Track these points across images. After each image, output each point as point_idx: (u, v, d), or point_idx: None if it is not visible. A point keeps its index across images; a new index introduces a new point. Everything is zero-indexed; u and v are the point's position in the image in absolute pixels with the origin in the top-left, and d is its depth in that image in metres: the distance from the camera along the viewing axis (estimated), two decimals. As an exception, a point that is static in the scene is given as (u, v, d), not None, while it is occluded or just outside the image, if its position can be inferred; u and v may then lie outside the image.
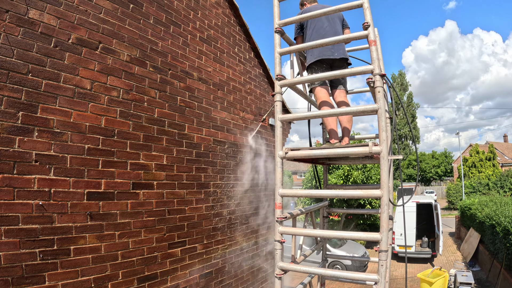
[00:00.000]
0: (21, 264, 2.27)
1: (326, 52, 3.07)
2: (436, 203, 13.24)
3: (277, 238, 2.57)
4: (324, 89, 3.14)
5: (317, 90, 3.13)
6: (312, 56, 3.13)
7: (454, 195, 28.17)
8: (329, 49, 3.07)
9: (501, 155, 36.25)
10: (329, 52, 3.07)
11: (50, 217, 2.46)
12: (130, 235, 3.05)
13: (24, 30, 2.38)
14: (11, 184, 2.26)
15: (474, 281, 8.39)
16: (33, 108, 2.41)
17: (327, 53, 3.07)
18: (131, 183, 3.10)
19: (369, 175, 15.71)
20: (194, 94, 3.93)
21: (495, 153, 31.87)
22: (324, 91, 3.12)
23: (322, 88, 3.13)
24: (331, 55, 3.07)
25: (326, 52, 3.07)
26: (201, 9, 4.17)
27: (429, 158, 48.19)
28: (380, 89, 2.30)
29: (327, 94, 3.14)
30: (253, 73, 5.21)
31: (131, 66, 3.19)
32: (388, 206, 2.23)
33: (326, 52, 3.07)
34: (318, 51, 3.08)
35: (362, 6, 2.40)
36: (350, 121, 3.22)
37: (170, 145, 3.54)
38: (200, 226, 3.89)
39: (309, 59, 3.17)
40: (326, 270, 2.69)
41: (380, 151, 2.23)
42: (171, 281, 3.45)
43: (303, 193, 2.75)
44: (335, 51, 3.09)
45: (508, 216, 8.44)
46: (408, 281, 10.32)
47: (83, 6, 2.79)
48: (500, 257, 8.61)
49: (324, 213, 3.85)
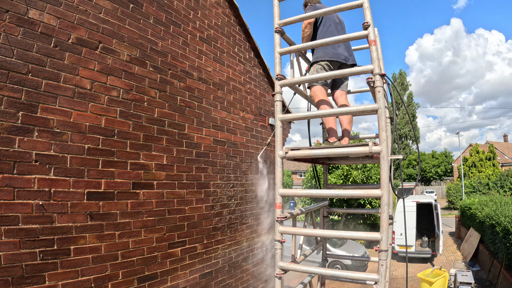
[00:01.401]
0: (21, 264, 2.27)
1: (340, 56, 3.09)
2: (436, 203, 13.25)
3: (277, 238, 2.57)
4: (323, 88, 3.13)
5: (316, 88, 3.12)
6: (326, 54, 3.11)
7: (454, 195, 28.16)
8: (344, 55, 3.10)
9: (501, 155, 36.25)
10: (343, 57, 3.10)
11: (50, 217, 2.46)
12: (130, 235, 3.05)
13: (24, 30, 2.37)
14: (11, 184, 2.26)
15: (474, 281, 8.39)
16: (33, 108, 2.41)
17: (341, 57, 3.09)
18: (131, 183, 3.10)
19: (369, 175, 15.70)
20: (194, 94, 3.93)
21: (495, 152, 31.88)
22: (323, 90, 3.12)
23: (322, 87, 3.12)
24: (344, 60, 3.10)
25: (341, 57, 3.09)
26: (201, 9, 4.17)
27: (429, 158, 48.19)
28: (380, 89, 2.30)
29: (325, 93, 3.13)
30: (253, 73, 5.21)
31: (131, 66, 3.19)
32: (388, 206, 2.23)
33: (341, 57, 3.09)
34: (333, 54, 3.09)
35: (362, 6, 2.40)
36: (350, 122, 3.23)
37: (170, 145, 3.54)
38: (200, 226, 3.89)
39: (321, 55, 3.14)
40: (326, 269, 2.70)
41: (380, 151, 2.23)
42: (171, 281, 3.45)
43: (303, 192, 2.75)
44: (348, 57, 3.14)
45: (508, 216, 8.44)
46: (408, 281, 10.32)
47: (83, 6, 2.79)
48: (500, 256, 8.61)
49: (324, 212, 3.85)
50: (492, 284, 9.13)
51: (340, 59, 3.10)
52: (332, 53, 3.10)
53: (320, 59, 3.14)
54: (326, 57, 3.11)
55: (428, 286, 8.45)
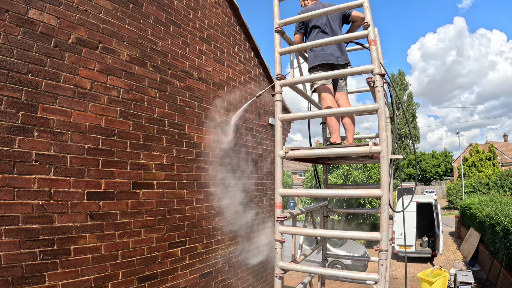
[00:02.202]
0: (21, 264, 2.27)
1: (331, 57, 3.09)
2: (436, 203, 13.24)
3: (277, 238, 2.57)
4: (328, 91, 3.14)
5: (321, 91, 3.13)
6: (317, 58, 3.13)
7: (454, 195, 28.17)
8: (334, 55, 3.10)
9: (501, 155, 36.25)
10: (334, 58, 3.10)
11: (50, 217, 2.46)
12: (130, 235, 3.05)
13: (24, 30, 2.37)
14: (11, 184, 2.26)
15: (474, 281, 8.39)
16: (33, 108, 2.41)
17: (331, 58, 3.09)
18: (131, 182, 3.10)
19: (369, 175, 15.71)
20: (194, 93, 3.93)
21: (495, 152, 31.88)
22: (330, 96, 3.12)
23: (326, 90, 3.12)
24: (335, 61, 3.10)
25: (331, 58, 3.09)
26: (201, 9, 4.17)
27: (429, 158, 48.17)
28: (380, 89, 2.30)
29: (333, 98, 3.15)
30: (253, 73, 5.21)
31: (131, 66, 3.18)
32: (388, 206, 2.23)
33: (331, 58, 3.09)
34: (323, 56, 3.10)
35: (362, 5, 2.40)
36: (352, 124, 3.26)
37: (170, 144, 3.54)
38: (200, 225, 3.89)
39: (313, 61, 3.16)
40: (326, 269, 2.70)
41: (380, 151, 2.23)
42: (171, 281, 3.45)
43: (303, 192, 2.75)
44: (339, 56, 3.14)
45: (508, 215, 8.44)
46: (408, 281, 10.32)
47: (83, 6, 2.79)
48: (500, 256, 8.61)
49: (324, 212, 3.85)
50: (492, 284, 9.13)
51: (330, 60, 3.10)
52: (322, 56, 3.11)
53: (312, 65, 3.16)
54: (317, 61, 3.12)
55: (428, 286, 8.45)
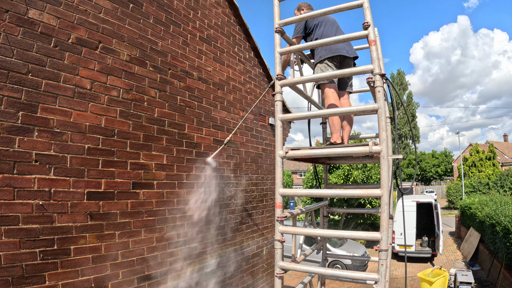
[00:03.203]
0: (21, 264, 2.27)
1: (343, 50, 3.25)
2: (436, 203, 13.24)
3: (277, 238, 2.57)
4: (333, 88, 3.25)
5: (328, 91, 3.24)
6: (329, 51, 3.24)
7: (454, 195, 28.17)
8: (345, 48, 3.27)
9: (501, 155, 36.25)
10: (345, 50, 3.26)
11: (50, 217, 2.46)
12: (130, 234, 3.05)
13: (24, 30, 2.37)
14: (11, 184, 2.26)
15: (474, 281, 8.39)
16: (33, 108, 2.41)
17: (343, 51, 3.25)
18: (131, 182, 3.10)
19: (369, 175, 15.70)
20: (194, 93, 3.93)
21: (495, 152, 31.89)
22: (335, 93, 3.24)
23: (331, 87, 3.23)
24: (346, 53, 3.26)
25: (343, 50, 3.25)
26: (201, 9, 4.16)
27: (429, 158, 48.19)
28: (380, 89, 2.30)
29: (337, 96, 3.26)
30: (253, 73, 5.21)
31: (131, 66, 3.18)
32: (388, 206, 2.23)
33: (343, 50, 3.25)
34: (335, 48, 3.23)
35: (362, 6, 2.40)
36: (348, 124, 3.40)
37: (170, 144, 3.54)
38: (200, 225, 3.88)
39: (324, 53, 3.27)
40: (326, 269, 2.70)
41: (380, 151, 2.23)
42: (171, 281, 3.45)
43: (303, 192, 2.75)
44: (350, 50, 3.33)
45: (508, 215, 8.44)
46: (408, 281, 10.33)
47: (83, 5, 2.78)
48: (500, 256, 8.61)
49: (324, 212, 3.85)
50: (492, 283, 9.13)
51: (342, 52, 3.24)
52: (335, 49, 3.24)
53: (324, 57, 3.25)
54: (329, 54, 3.23)
55: (428, 285, 8.45)
